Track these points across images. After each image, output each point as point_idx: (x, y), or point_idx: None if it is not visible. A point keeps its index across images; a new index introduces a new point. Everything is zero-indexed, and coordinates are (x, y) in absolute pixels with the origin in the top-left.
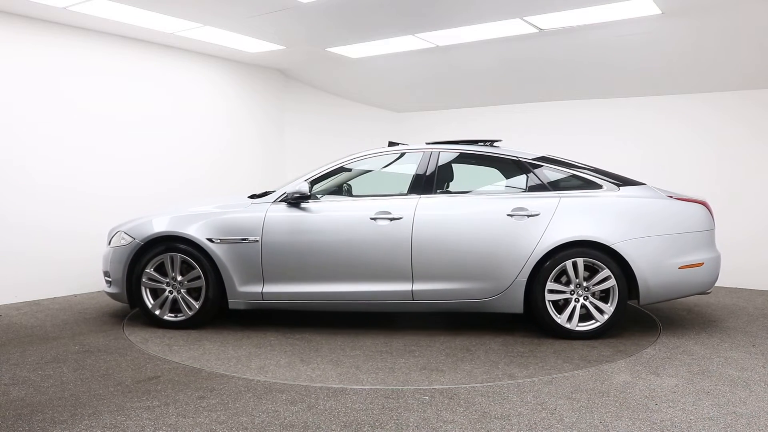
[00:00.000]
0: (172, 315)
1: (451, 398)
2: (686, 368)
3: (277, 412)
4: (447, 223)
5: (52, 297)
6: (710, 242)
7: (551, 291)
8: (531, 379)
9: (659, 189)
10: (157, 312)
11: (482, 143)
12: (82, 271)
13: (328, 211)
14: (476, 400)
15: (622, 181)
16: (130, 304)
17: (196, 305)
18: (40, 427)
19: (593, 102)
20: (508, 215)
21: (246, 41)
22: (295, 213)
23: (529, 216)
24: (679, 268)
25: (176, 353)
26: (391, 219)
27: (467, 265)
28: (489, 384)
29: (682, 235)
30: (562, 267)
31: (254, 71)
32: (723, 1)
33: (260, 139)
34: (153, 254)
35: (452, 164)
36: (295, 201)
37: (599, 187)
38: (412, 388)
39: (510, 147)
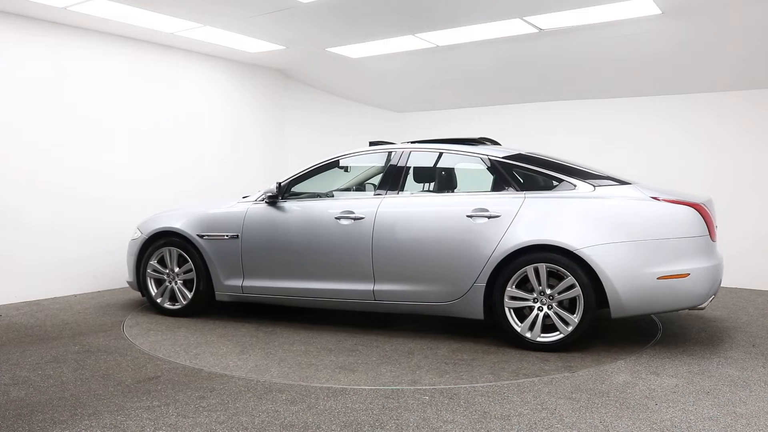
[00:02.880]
0: (171, 303)
1: (451, 398)
2: (686, 368)
3: (277, 412)
4: (406, 223)
5: (52, 297)
6: (700, 250)
7: (513, 298)
8: (531, 379)
9: (649, 188)
10: (159, 300)
11: (466, 142)
12: (82, 271)
13: (298, 210)
14: (476, 400)
15: (604, 181)
16: (141, 292)
17: (189, 295)
18: (40, 427)
19: (593, 102)
20: (468, 216)
21: (246, 41)
22: (270, 212)
23: (489, 217)
24: (658, 278)
25: (138, 336)
26: (354, 218)
27: (425, 266)
28: (489, 384)
29: (663, 242)
30: (523, 272)
31: (254, 71)
32: (723, 1)
33: (264, 139)
34: (155, 247)
35: (422, 164)
36: (271, 201)
37: (572, 186)
38: (412, 388)
39: (503, 145)
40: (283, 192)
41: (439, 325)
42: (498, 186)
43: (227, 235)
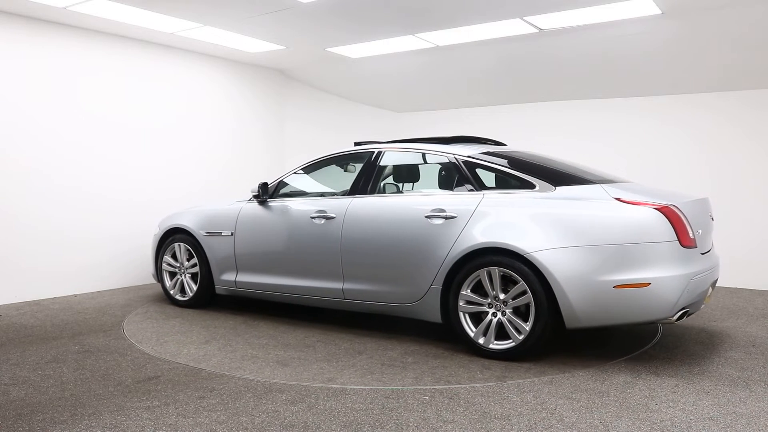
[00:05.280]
0: (182, 295)
1: (451, 398)
2: (686, 368)
3: (277, 412)
4: (371, 223)
5: (52, 297)
6: (666, 257)
7: (469, 302)
8: (531, 380)
9: (617, 189)
10: (172, 291)
11: (442, 141)
12: (82, 271)
13: (281, 210)
14: (476, 400)
15: (570, 181)
16: (161, 284)
17: (194, 288)
18: (40, 427)
19: (593, 102)
20: (426, 217)
21: (246, 41)
22: (259, 211)
23: (446, 218)
24: (615, 287)
25: (131, 323)
26: (326, 218)
27: (387, 267)
28: (489, 384)
29: (621, 247)
30: (477, 276)
31: (255, 71)
32: (722, 1)
33: (267, 139)
34: (168, 243)
35: (393, 163)
36: (261, 200)
37: (532, 186)
38: (412, 388)
39: (507, 145)
40: (271, 193)
41: (414, 326)
42: (459, 185)
43: (224, 233)
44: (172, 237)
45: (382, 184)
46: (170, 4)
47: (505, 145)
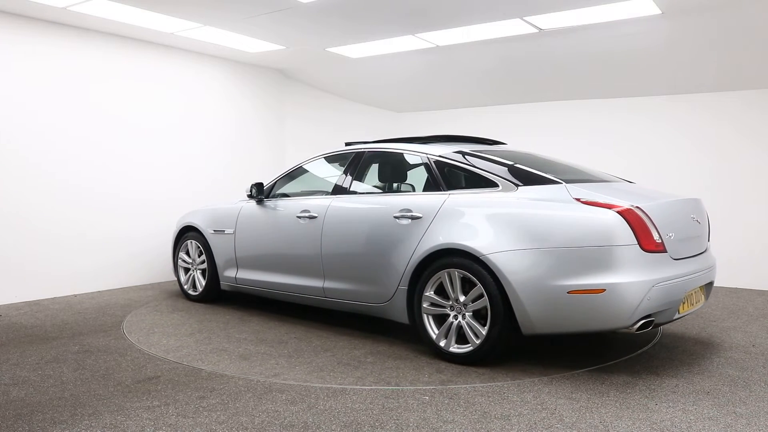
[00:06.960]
0: (193, 291)
1: (451, 398)
2: (686, 368)
3: (277, 412)
4: (347, 223)
5: (52, 297)
6: (624, 262)
7: (433, 304)
8: (531, 379)
9: (581, 189)
10: (185, 287)
11: (422, 140)
12: (83, 271)
13: (273, 209)
14: (476, 400)
15: (536, 180)
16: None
17: (203, 283)
18: (40, 427)
19: (593, 102)
20: (395, 217)
21: (246, 41)
22: (255, 210)
23: (412, 218)
24: (569, 292)
25: (133, 315)
26: (309, 217)
27: (361, 267)
28: (489, 384)
29: (577, 250)
30: (440, 278)
31: (255, 72)
32: (722, 1)
33: (268, 140)
34: (183, 240)
35: (372, 164)
36: (258, 200)
37: (495, 186)
38: (411, 388)
39: (506, 145)
40: (267, 192)
41: (400, 327)
42: (428, 185)
43: (227, 231)
44: (186, 234)
45: (361, 184)
46: (170, 4)
47: (505, 144)
